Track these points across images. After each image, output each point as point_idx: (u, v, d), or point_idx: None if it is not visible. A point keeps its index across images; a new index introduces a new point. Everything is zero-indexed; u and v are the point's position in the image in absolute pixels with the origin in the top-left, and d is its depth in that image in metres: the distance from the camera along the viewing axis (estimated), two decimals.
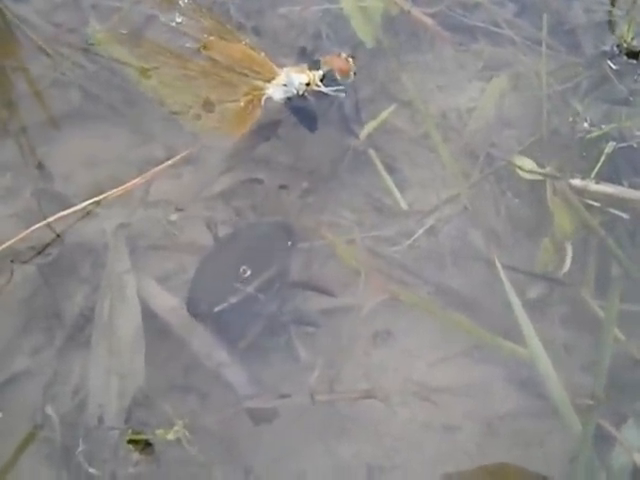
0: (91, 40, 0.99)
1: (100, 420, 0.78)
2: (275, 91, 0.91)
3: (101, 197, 0.90)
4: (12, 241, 0.85)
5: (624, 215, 0.86)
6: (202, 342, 0.84)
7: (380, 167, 0.93)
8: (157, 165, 0.93)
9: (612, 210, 0.86)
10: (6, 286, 0.85)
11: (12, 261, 0.84)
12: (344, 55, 0.92)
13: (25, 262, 0.85)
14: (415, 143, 0.96)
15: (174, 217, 0.90)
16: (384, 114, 0.94)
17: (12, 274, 0.85)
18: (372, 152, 0.93)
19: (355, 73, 0.93)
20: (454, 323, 0.85)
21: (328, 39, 0.99)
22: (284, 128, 0.94)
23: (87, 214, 0.89)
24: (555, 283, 0.85)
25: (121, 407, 0.79)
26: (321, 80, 0.91)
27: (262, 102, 0.91)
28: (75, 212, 0.89)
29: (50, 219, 0.87)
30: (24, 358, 0.83)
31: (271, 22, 1.01)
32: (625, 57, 0.96)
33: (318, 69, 0.91)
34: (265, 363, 0.83)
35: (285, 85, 0.91)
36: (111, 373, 0.81)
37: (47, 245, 0.87)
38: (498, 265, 0.85)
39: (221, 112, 0.90)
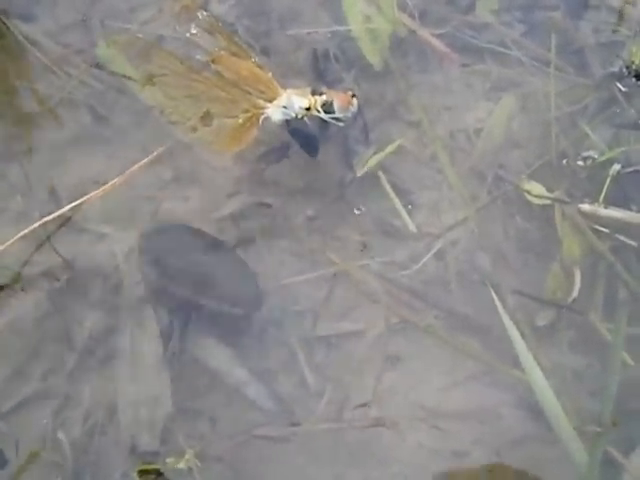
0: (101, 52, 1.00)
1: (132, 449, 0.79)
2: (274, 112, 0.91)
3: (84, 199, 0.90)
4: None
5: (633, 243, 0.86)
6: (221, 360, 0.85)
7: (389, 189, 0.93)
8: (165, 187, 0.94)
9: (621, 237, 0.86)
10: (17, 310, 0.86)
11: (23, 289, 0.85)
12: (349, 93, 0.91)
13: (36, 288, 0.86)
14: (423, 164, 0.96)
15: None
16: (389, 148, 0.95)
17: (23, 298, 0.86)
18: (381, 174, 0.93)
19: (355, 111, 0.92)
20: (462, 348, 0.85)
21: (336, 60, 0.99)
22: (293, 151, 0.94)
23: (97, 237, 0.90)
24: (563, 309, 0.85)
25: (153, 434, 0.80)
26: (322, 106, 0.90)
27: (260, 122, 0.90)
28: (86, 236, 0.90)
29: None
30: (35, 382, 0.84)
31: (279, 43, 1.01)
32: (634, 79, 0.96)
33: (321, 94, 0.91)
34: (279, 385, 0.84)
35: (285, 107, 0.91)
36: (138, 401, 0.82)
37: (57, 270, 0.87)
38: (493, 292, 0.85)
39: (218, 127, 0.90)
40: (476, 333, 0.86)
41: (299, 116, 0.91)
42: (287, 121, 0.92)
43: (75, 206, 0.91)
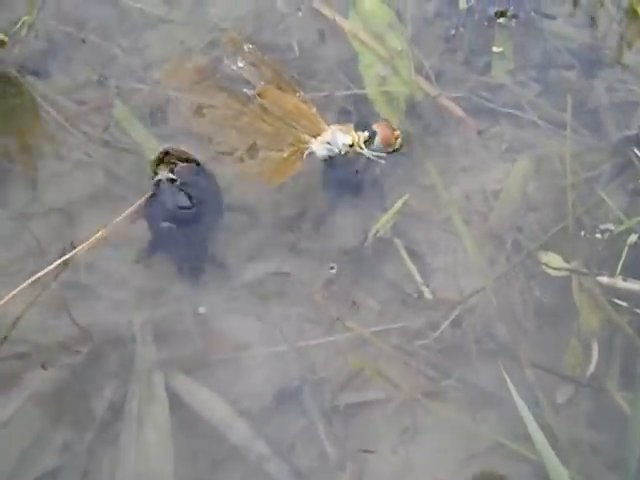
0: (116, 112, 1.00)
1: None
2: (318, 148, 0.93)
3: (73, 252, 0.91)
4: None
5: None
6: (241, 435, 0.84)
7: (405, 256, 0.93)
8: None
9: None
10: (36, 381, 0.86)
11: (43, 367, 0.85)
12: (396, 131, 0.94)
13: (56, 362, 0.85)
14: (438, 228, 0.96)
15: (202, 310, 0.90)
16: (397, 204, 0.95)
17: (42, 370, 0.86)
18: (396, 241, 0.93)
19: (399, 148, 0.94)
20: (478, 422, 0.85)
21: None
22: (309, 216, 0.94)
23: (115, 306, 0.90)
24: (581, 385, 0.85)
25: None
26: (365, 142, 0.92)
27: (304, 156, 0.92)
28: (103, 305, 0.90)
29: None
30: (54, 454, 0.83)
31: None
32: None
33: (364, 130, 0.93)
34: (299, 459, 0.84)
35: (329, 143, 0.92)
36: (139, 475, 0.81)
37: (77, 340, 0.87)
38: (507, 367, 0.85)
39: (264, 159, 0.92)
40: (492, 405, 0.86)
41: (342, 152, 0.93)
42: (330, 157, 0.94)
43: (90, 270, 0.92)
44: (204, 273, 0.92)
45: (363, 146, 0.93)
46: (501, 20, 1.05)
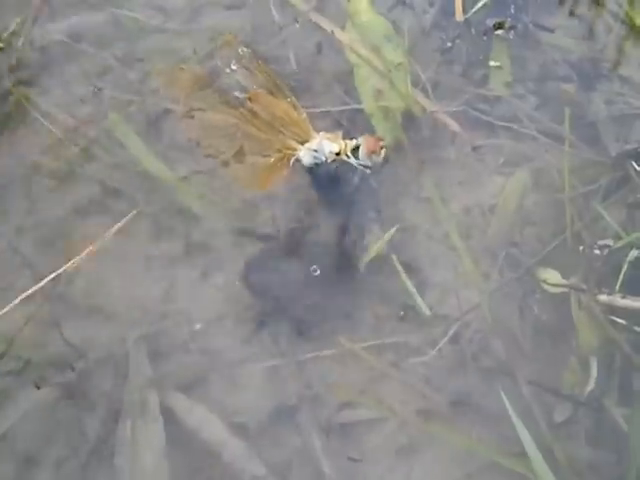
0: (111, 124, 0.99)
1: None
2: (305, 155, 0.93)
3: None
4: None
5: None
6: (236, 454, 0.84)
7: (402, 273, 0.92)
8: (178, 260, 0.93)
9: (638, 329, 0.85)
10: (29, 400, 0.85)
11: (36, 385, 0.84)
12: (381, 142, 0.92)
13: (49, 381, 0.85)
14: (436, 242, 0.95)
15: (198, 326, 0.89)
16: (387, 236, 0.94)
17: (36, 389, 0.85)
18: (393, 257, 0.93)
19: (384, 158, 0.93)
20: (475, 440, 0.84)
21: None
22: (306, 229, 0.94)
23: (108, 321, 0.89)
24: (579, 404, 0.85)
25: None
26: (352, 151, 0.92)
27: (290, 163, 0.92)
28: (96, 322, 0.89)
29: None
30: (48, 473, 0.83)
31: None
32: None
33: (352, 139, 0.92)
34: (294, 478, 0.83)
35: (315, 151, 0.92)
36: None
37: (70, 358, 0.86)
38: (504, 386, 0.85)
39: (250, 164, 0.92)
40: (489, 423, 0.85)
41: (329, 160, 0.93)
42: (316, 164, 0.94)
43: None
44: None
45: (350, 154, 0.92)
46: (499, 32, 1.05)
